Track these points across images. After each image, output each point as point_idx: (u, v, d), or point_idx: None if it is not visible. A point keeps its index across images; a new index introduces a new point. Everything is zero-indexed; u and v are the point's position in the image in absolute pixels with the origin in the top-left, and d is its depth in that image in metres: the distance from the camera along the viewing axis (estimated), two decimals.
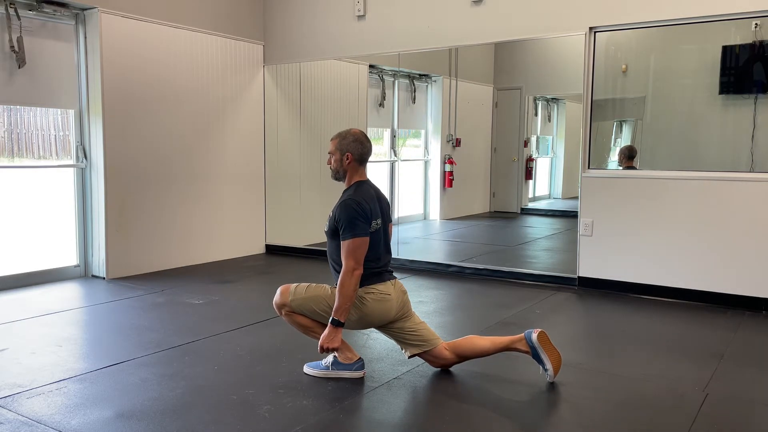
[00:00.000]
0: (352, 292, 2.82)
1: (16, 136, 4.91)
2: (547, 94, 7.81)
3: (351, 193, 2.95)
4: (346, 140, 2.98)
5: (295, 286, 3.02)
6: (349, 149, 2.97)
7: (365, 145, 3.00)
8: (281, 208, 6.55)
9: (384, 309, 2.95)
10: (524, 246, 6.86)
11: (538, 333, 2.92)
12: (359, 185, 2.99)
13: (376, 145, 7.15)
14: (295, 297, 2.98)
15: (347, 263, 2.83)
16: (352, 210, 2.85)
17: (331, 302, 2.93)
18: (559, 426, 2.55)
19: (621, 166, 4.95)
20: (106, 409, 2.63)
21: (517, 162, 7.67)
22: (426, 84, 7.29)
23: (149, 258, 5.45)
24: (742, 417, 2.63)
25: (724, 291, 4.39)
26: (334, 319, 2.84)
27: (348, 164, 2.98)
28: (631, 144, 5.00)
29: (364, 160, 3.02)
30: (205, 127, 5.84)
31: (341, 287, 2.82)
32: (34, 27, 4.81)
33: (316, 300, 2.97)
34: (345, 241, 2.85)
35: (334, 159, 3.00)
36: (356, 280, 2.83)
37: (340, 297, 2.82)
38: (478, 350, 3.03)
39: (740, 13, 4.26)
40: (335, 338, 2.84)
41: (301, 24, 6.12)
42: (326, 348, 2.85)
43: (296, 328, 3.06)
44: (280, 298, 3.02)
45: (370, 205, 2.92)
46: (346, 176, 3.01)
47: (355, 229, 2.83)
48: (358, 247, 2.84)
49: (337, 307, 2.83)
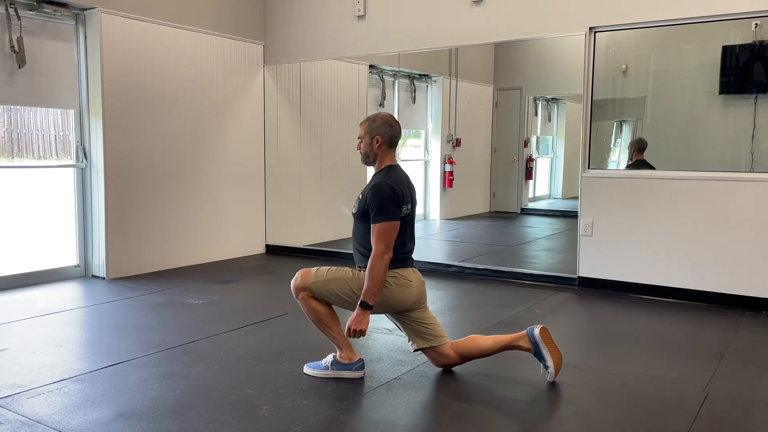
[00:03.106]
0: (382, 276, 2.82)
1: (16, 136, 4.91)
2: (547, 94, 7.81)
3: (383, 176, 2.93)
4: (376, 123, 2.97)
5: (315, 270, 2.99)
6: (378, 132, 2.96)
7: (395, 128, 3.00)
8: (281, 208, 6.55)
9: (405, 295, 2.95)
10: (524, 246, 6.86)
11: (540, 328, 2.93)
12: (391, 169, 2.98)
13: None
14: (316, 279, 2.95)
15: (377, 247, 2.82)
16: (385, 194, 2.84)
17: (353, 285, 2.92)
18: (559, 426, 2.55)
19: (631, 160, 4.90)
20: (106, 409, 2.63)
21: (517, 162, 7.67)
22: (426, 84, 7.30)
23: (149, 258, 5.45)
24: (742, 417, 2.63)
25: (724, 291, 4.39)
26: (363, 302, 2.83)
27: (378, 147, 2.97)
28: (641, 137, 4.94)
29: (394, 143, 3.01)
30: (205, 127, 5.84)
31: (371, 270, 2.81)
32: (34, 27, 4.81)
33: (337, 282, 2.94)
34: (376, 224, 2.84)
35: (363, 143, 3.00)
36: (386, 264, 2.82)
37: (369, 280, 2.81)
38: (481, 350, 3.03)
39: (740, 13, 4.26)
40: (363, 320, 2.84)
41: (301, 24, 6.12)
42: (354, 330, 2.84)
43: (309, 316, 3.01)
44: (300, 281, 2.97)
45: (402, 189, 2.91)
46: (377, 160, 3.00)
47: (387, 212, 2.83)
48: (389, 230, 2.83)
49: (366, 290, 2.83)
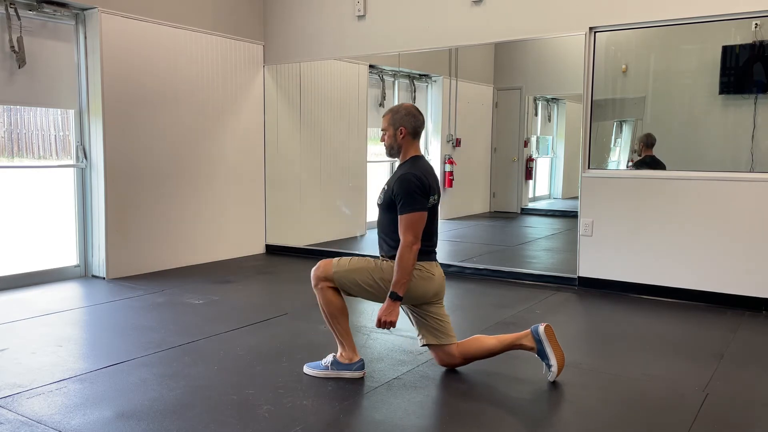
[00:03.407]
0: (412, 267, 2.83)
1: (16, 136, 4.91)
2: (547, 94, 7.81)
3: (409, 167, 2.93)
4: (399, 114, 2.98)
5: (337, 260, 2.99)
6: (402, 123, 2.97)
7: (418, 118, 3.00)
8: (281, 208, 6.56)
9: (426, 288, 2.95)
10: (524, 246, 6.86)
11: (544, 326, 2.93)
12: (416, 160, 2.98)
13: (376, 145, 7.15)
14: (339, 269, 2.94)
15: (406, 238, 2.82)
16: (412, 184, 2.84)
17: (375, 275, 2.92)
18: (559, 426, 2.55)
19: (640, 155, 4.87)
20: (106, 409, 2.63)
21: (517, 162, 7.67)
22: (426, 84, 7.29)
23: (149, 258, 5.45)
24: (742, 417, 2.63)
25: (724, 291, 4.39)
26: (393, 293, 2.84)
27: (402, 138, 2.98)
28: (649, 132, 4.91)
29: (418, 133, 3.01)
30: (205, 127, 5.84)
31: (400, 261, 2.81)
32: (34, 27, 4.81)
33: (360, 272, 2.94)
34: (403, 215, 2.84)
35: (387, 135, 3.00)
36: (415, 255, 2.83)
37: (399, 271, 2.82)
38: (485, 349, 3.03)
39: (740, 13, 4.26)
40: (393, 311, 2.85)
41: (301, 24, 6.12)
42: (384, 321, 2.85)
43: (323, 308, 2.99)
44: (321, 271, 2.96)
45: (429, 180, 2.92)
46: (401, 151, 3.01)
47: (414, 203, 2.83)
48: (417, 221, 2.84)
49: (396, 281, 2.83)
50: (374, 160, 7.09)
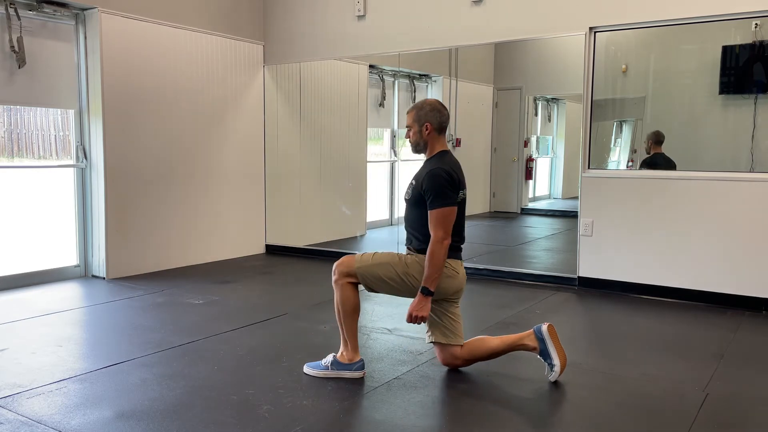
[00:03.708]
0: (443, 262, 2.84)
1: (16, 136, 4.91)
2: (547, 94, 7.81)
3: (437, 162, 2.93)
4: (424, 110, 2.98)
5: (360, 255, 2.99)
6: (427, 119, 2.97)
7: (443, 113, 3.00)
8: (281, 208, 6.55)
9: (449, 285, 2.96)
10: (524, 246, 6.85)
11: (547, 325, 2.94)
12: (443, 154, 2.98)
13: (376, 145, 7.16)
14: (362, 264, 2.94)
15: (436, 233, 2.83)
16: (442, 179, 2.85)
17: (399, 269, 2.93)
18: (559, 426, 2.55)
19: (648, 153, 4.84)
20: (106, 409, 2.63)
21: (517, 162, 7.67)
22: (426, 84, 7.29)
23: (149, 258, 5.45)
24: (742, 417, 2.63)
25: (724, 291, 4.39)
26: (424, 288, 2.85)
27: (428, 134, 2.98)
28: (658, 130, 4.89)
29: (444, 128, 3.01)
30: (205, 127, 5.84)
31: (431, 257, 2.82)
32: (34, 27, 4.81)
33: (383, 267, 2.94)
34: (433, 210, 2.85)
35: (412, 132, 3.00)
36: (446, 250, 2.84)
37: (430, 266, 2.83)
38: (488, 350, 3.04)
39: (740, 13, 4.26)
40: (425, 307, 2.86)
41: (301, 24, 6.12)
42: (415, 317, 2.86)
43: (338, 304, 2.98)
44: (345, 267, 2.96)
45: (458, 174, 2.93)
46: (427, 147, 3.01)
47: (444, 198, 2.84)
48: (447, 216, 2.84)
49: (427, 276, 2.84)
50: (374, 160, 7.09)
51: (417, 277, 2.92)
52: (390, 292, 2.99)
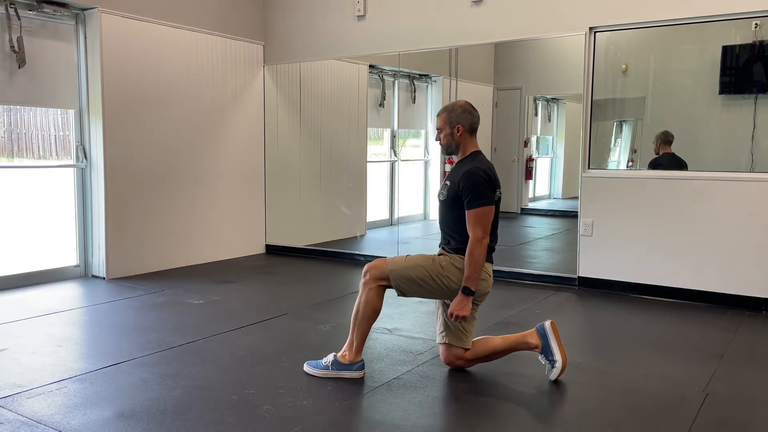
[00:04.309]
0: (482, 261, 2.85)
1: (16, 136, 4.91)
2: (547, 94, 7.80)
3: (473, 162, 2.94)
4: (455, 113, 2.98)
5: (391, 259, 2.99)
6: (459, 121, 2.97)
7: (474, 115, 3.01)
8: (281, 208, 6.55)
9: (480, 288, 2.96)
10: (524, 246, 6.85)
11: (549, 322, 2.96)
12: (477, 155, 2.99)
13: (376, 145, 7.15)
14: (394, 267, 2.94)
15: (475, 233, 2.84)
16: (480, 178, 2.86)
17: (432, 271, 2.92)
18: (559, 426, 2.55)
19: (657, 154, 4.81)
20: (106, 409, 2.63)
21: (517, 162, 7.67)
22: (426, 84, 7.29)
23: (149, 258, 5.45)
24: (742, 417, 2.63)
25: (724, 291, 4.39)
26: (465, 288, 2.86)
27: (460, 136, 2.98)
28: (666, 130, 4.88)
29: (475, 129, 3.02)
30: (205, 127, 5.84)
31: (471, 256, 2.83)
32: (34, 27, 4.81)
33: (416, 269, 2.93)
34: (471, 210, 2.85)
35: (443, 134, 3.01)
36: (485, 249, 2.85)
37: (470, 266, 2.84)
38: (490, 349, 3.04)
39: (740, 13, 4.26)
40: (466, 306, 2.87)
41: (301, 24, 6.12)
42: (457, 316, 2.87)
43: (361, 306, 2.95)
44: (377, 270, 2.94)
45: (494, 174, 2.94)
46: (459, 148, 3.01)
47: (483, 197, 2.85)
48: (485, 215, 2.85)
49: (468, 276, 2.85)
50: (374, 160, 7.09)
51: (452, 279, 2.92)
52: (422, 295, 2.99)
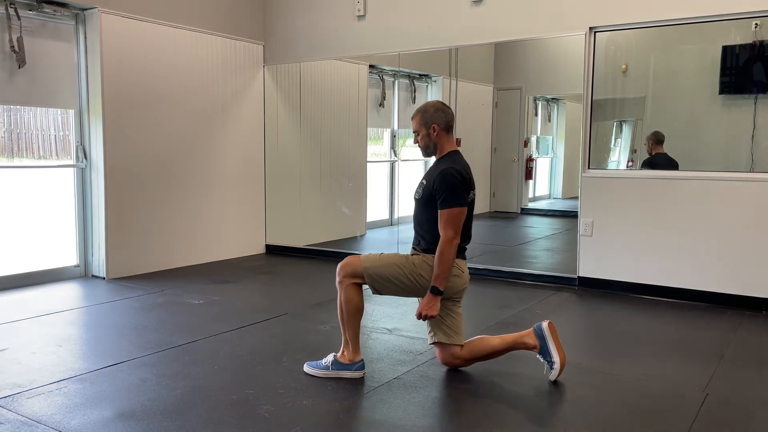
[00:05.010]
0: (452, 261, 2.85)
1: (16, 136, 4.91)
2: (547, 94, 7.80)
3: (449, 162, 2.94)
4: (428, 113, 2.99)
5: (366, 256, 2.99)
6: (434, 120, 2.98)
7: (447, 113, 3.01)
8: (281, 208, 6.55)
9: (454, 284, 2.97)
10: (524, 246, 6.85)
11: (547, 323, 2.95)
12: (454, 155, 2.99)
13: (376, 145, 7.15)
14: (369, 265, 2.94)
15: (446, 233, 2.84)
16: (454, 179, 2.86)
17: (406, 269, 2.93)
18: (559, 426, 2.55)
19: (650, 154, 4.81)
20: (106, 409, 2.63)
21: (517, 162, 7.67)
22: (426, 84, 7.29)
23: (149, 258, 5.45)
24: (742, 417, 2.63)
25: (724, 291, 4.39)
26: (433, 287, 2.86)
27: (436, 135, 2.99)
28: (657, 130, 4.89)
29: (451, 127, 3.02)
30: (205, 127, 5.84)
31: (441, 256, 2.83)
32: (34, 27, 4.81)
33: (390, 267, 2.94)
34: (444, 210, 2.85)
35: (420, 136, 3.01)
36: (455, 249, 2.85)
37: (440, 266, 2.84)
38: (488, 349, 3.04)
39: (740, 13, 4.26)
40: (434, 306, 2.87)
41: (301, 24, 6.12)
42: (425, 315, 2.87)
43: (342, 305, 2.97)
44: (350, 267, 2.95)
45: (469, 175, 2.94)
46: (437, 148, 3.01)
47: (456, 198, 2.85)
48: (457, 216, 2.85)
49: (437, 276, 2.85)
50: (374, 160, 7.09)
51: (425, 277, 2.92)
52: (396, 293, 3.00)
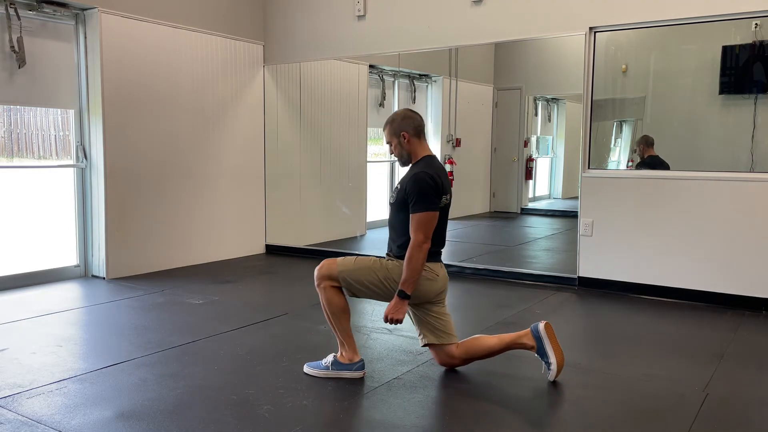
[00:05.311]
0: (421, 266, 2.84)
1: (16, 136, 4.91)
2: (547, 94, 7.81)
3: (422, 166, 2.94)
4: (396, 122, 3.00)
5: (341, 259, 2.99)
6: (402, 129, 2.98)
7: (415, 119, 3.01)
8: (281, 208, 6.55)
9: (429, 288, 2.96)
10: (524, 246, 6.86)
11: (544, 324, 2.94)
12: (428, 159, 2.99)
13: (377, 145, 7.16)
14: (344, 269, 2.94)
15: (416, 237, 2.83)
16: (426, 183, 2.85)
17: (380, 274, 2.93)
18: (558, 426, 2.55)
19: (642, 157, 4.82)
20: (106, 409, 2.63)
21: (517, 162, 7.67)
22: (426, 84, 7.29)
23: (149, 258, 5.45)
24: (742, 417, 2.63)
25: (724, 291, 4.39)
26: (401, 291, 2.86)
27: (408, 143, 2.99)
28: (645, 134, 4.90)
29: (421, 132, 3.02)
30: (205, 127, 5.84)
31: (409, 260, 2.83)
32: (34, 27, 4.81)
33: (365, 271, 2.94)
34: (415, 214, 2.85)
35: (393, 146, 3.02)
36: (425, 254, 2.84)
37: (408, 270, 2.83)
38: (486, 348, 3.03)
39: (740, 13, 4.26)
40: (400, 309, 2.87)
41: (301, 24, 6.12)
42: (391, 319, 2.87)
43: (325, 307, 2.99)
44: (325, 270, 2.96)
45: (442, 179, 2.93)
46: (411, 155, 3.01)
47: (427, 202, 2.84)
48: (428, 221, 2.85)
49: (405, 280, 2.84)
50: (374, 160, 7.09)
51: (398, 282, 2.91)
52: (371, 297, 3.00)
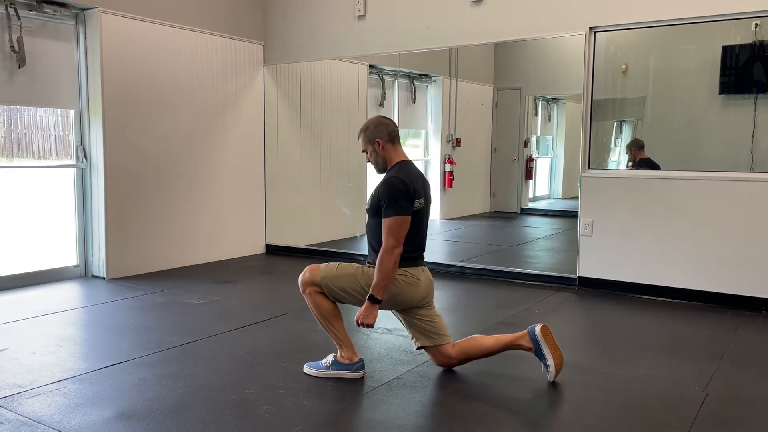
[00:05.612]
0: (391, 271, 2.83)
1: (16, 136, 4.91)
2: (547, 94, 7.81)
3: (395, 171, 2.94)
4: (369, 130, 2.99)
5: (324, 265, 2.99)
6: (376, 135, 2.97)
7: (389, 125, 3.01)
8: (281, 208, 6.56)
9: (412, 293, 2.95)
10: (524, 246, 6.86)
11: (541, 326, 2.93)
12: (402, 164, 2.98)
13: None
14: (326, 275, 2.94)
15: (387, 241, 2.82)
16: (396, 188, 2.84)
17: (362, 281, 2.92)
18: (559, 426, 2.55)
19: (635, 160, 4.83)
20: (106, 409, 2.63)
21: (517, 162, 7.67)
22: (426, 84, 7.29)
23: (149, 258, 5.45)
24: (742, 417, 2.63)
25: (724, 291, 4.38)
26: (371, 296, 2.85)
27: (382, 150, 2.98)
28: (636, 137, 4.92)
29: (394, 137, 3.01)
30: (205, 127, 5.84)
31: (380, 265, 2.82)
32: (34, 27, 4.81)
33: (347, 278, 2.94)
34: (386, 218, 2.84)
35: (369, 153, 3.01)
36: (396, 259, 2.82)
37: (378, 274, 2.82)
38: (483, 349, 3.03)
39: (740, 13, 4.26)
40: (371, 314, 2.86)
41: (301, 24, 6.12)
42: (362, 323, 2.87)
43: (314, 312, 3.01)
44: (308, 275, 2.97)
45: (415, 184, 2.91)
46: (387, 162, 3.01)
47: (398, 207, 2.83)
48: (400, 225, 2.83)
49: (375, 284, 2.84)
50: None
51: None
52: (354, 303, 2.99)
